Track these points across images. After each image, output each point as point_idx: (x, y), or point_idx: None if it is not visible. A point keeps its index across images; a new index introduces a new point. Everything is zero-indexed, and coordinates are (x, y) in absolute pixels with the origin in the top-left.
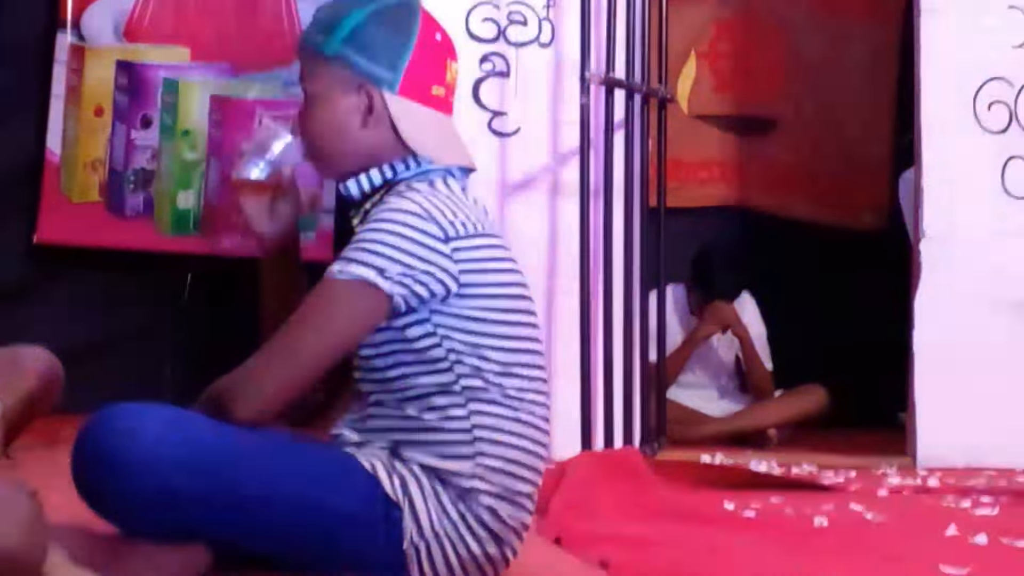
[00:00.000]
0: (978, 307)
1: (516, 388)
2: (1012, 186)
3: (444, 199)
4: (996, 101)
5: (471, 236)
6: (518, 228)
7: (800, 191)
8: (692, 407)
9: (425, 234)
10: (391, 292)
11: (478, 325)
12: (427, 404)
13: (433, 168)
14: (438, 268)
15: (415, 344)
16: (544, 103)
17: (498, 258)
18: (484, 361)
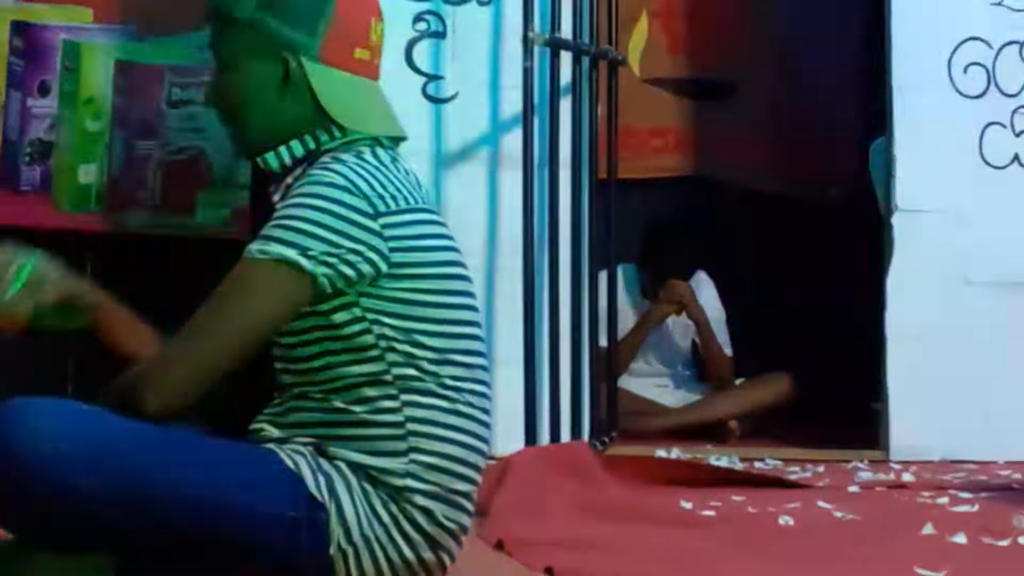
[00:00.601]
0: (955, 286)
1: (453, 377)
2: (990, 154)
3: (373, 170)
4: (973, 63)
5: (403, 211)
6: (456, 203)
7: (761, 161)
8: (646, 397)
9: (352, 209)
10: (315, 273)
11: (411, 309)
12: (356, 396)
13: (360, 137)
14: (367, 247)
15: (342, 330)
16: (484, 66)
17: (434, 235)
18: (418, 348)
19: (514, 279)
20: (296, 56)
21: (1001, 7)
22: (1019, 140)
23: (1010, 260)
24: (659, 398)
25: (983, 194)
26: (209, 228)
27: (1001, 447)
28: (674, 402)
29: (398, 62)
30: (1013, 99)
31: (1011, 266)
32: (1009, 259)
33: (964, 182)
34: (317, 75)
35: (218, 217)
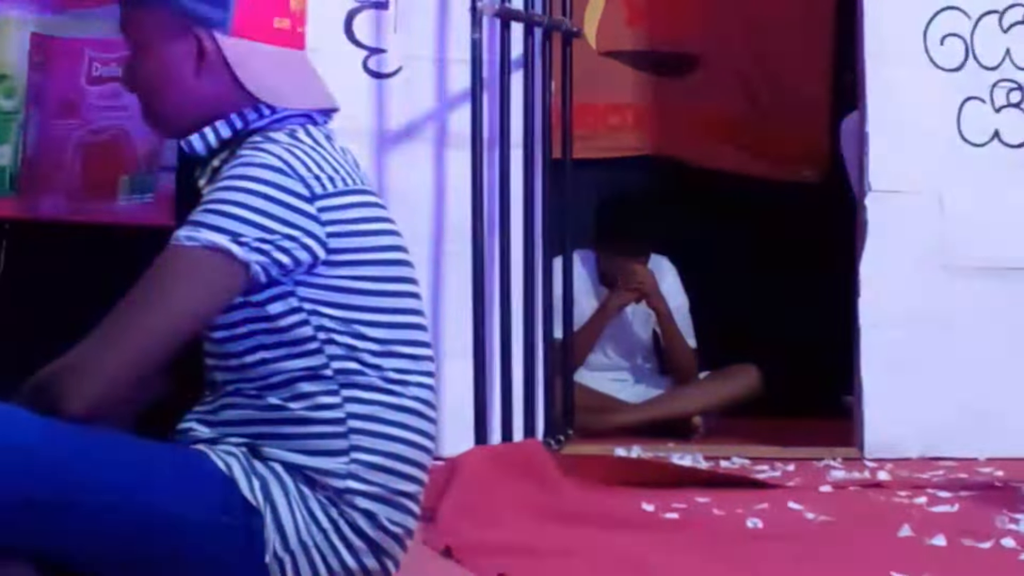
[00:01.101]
0: (933, 272)
1: (397, 370)
2: (969, 131)
3: (308, 150)
4: (950, 34)
5: (341, 193)
6: (399, 185)
7: (726, 139)
8: (604, 392)
9: (287, 192)
10: (248, 260)
11: (351, 297)
12: (293, 392)
13: (291, 114)
14: (303, 232)
15: (278, 322)
16: (429, 39)
17: (373, 218)
18: (359, 340)
19: (462, 267)
20: (209, 31)
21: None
22: (999, 116)
23: (990, 244)
24: (618, 393)
25: (961, 174)
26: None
27: (982, 443)
28: (634, 397)
29: (336, 35)
30: (992, 72)
31: (991, 250)
32: (989, 243)
33: (941, 161)
34: (233, 50)
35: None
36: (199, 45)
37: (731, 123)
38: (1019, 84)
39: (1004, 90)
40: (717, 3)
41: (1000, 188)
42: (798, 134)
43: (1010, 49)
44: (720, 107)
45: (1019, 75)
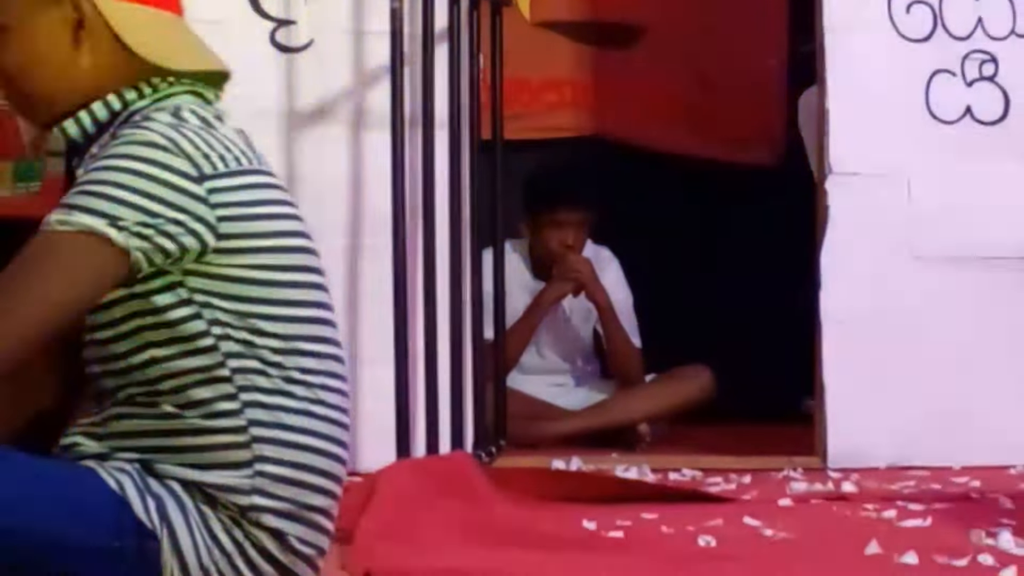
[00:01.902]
0: (899, 262)
1: (302, 369)
2: (938, 107)
3: (195, 128)
4: (916, 1)
5: (233, 173)
6: (312, 170)
7: (673, 118)
8: (540, 398)
9: (172, 171)
10: (127, 246)
11: (247, 288)
12: (188, 398)
13: (175, 91)
14: (190, 215)
15: (166, 316)
16: (344, 8)
17: (271, 200)
18: (258, 335)
19: (382, 260)
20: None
21: None
22: (971, 90)
23: (962, 231)
24: (556, 399)
25: (930, 154)
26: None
27: (957, 450)
28: (574, 403)
29: (241, 5)
30: (963, 42)
31: (963, 238)
32: (961, 229)
33: (908, 140)
34: (117, 14)
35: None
36: (78, 11)
37: (678, 101)
38: (992, 55)
39: (976, 62)
40: None
41: (972, 169)
42: (751, 112)
43: (982, 18)
44: (666, 83)
45: (992, 46)
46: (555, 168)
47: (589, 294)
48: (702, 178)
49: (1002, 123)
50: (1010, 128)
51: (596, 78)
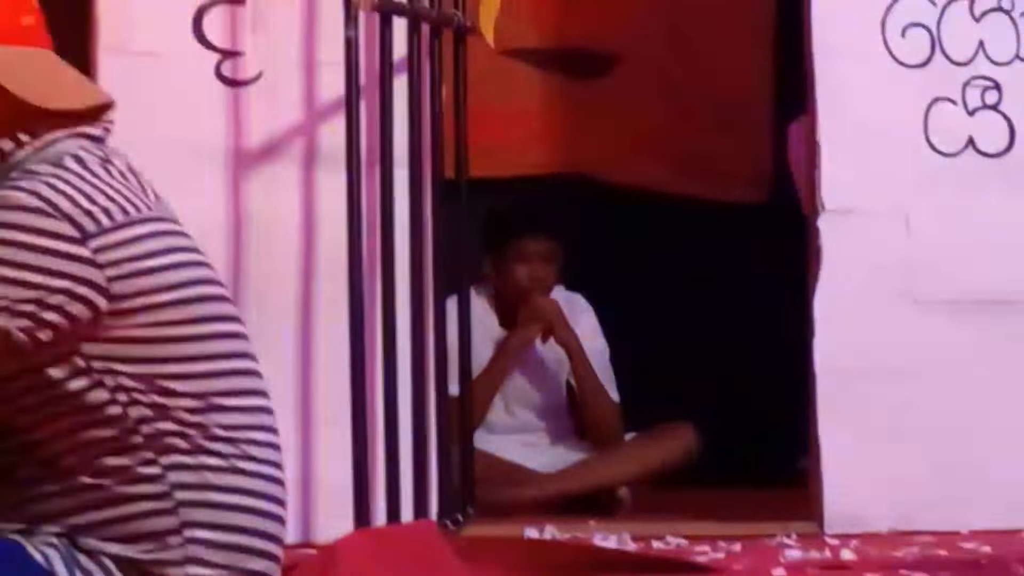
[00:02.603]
0: (899, 306)
1: (224, 426)
2: (938, 138)
3: (76, 180)
4: (912, 24)
5: (122, 226)
6: (260, 213)
7: (651, 153)
8: (510, 460)
9: (50, 236)
10: (8, 327)
11: (150, 348)
12: (102, 466)
13: (58, 137)
14: (75, 281)
15: (64, 388)
16: (295, 38)
17: (170, 249)
18: (170, 396)
19: (337, 309)
20: None
21: None
22: (973, 120)
23: (964, 271)
24: (527, 460)
25: (930, 188)
26: None
27: (965, 513)
28: (547, 464)
29: (183, 35)
30: (964, 68)
31: (966, 279)
32: (965, 270)
33: (906, 174)
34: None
35: None
36: None
37: (656, 134)
38: (995, 82)
39: (978, 89)
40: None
41: (976, 205)
42: (735, 146)
43: (984, 41)
44: (643, 115)
45: (995, 71)
46: (517, 200)
47: (558, 338)
48: (684, 217)
49: (1007, 155)
50: (1015, 160)
51: (567, 110)
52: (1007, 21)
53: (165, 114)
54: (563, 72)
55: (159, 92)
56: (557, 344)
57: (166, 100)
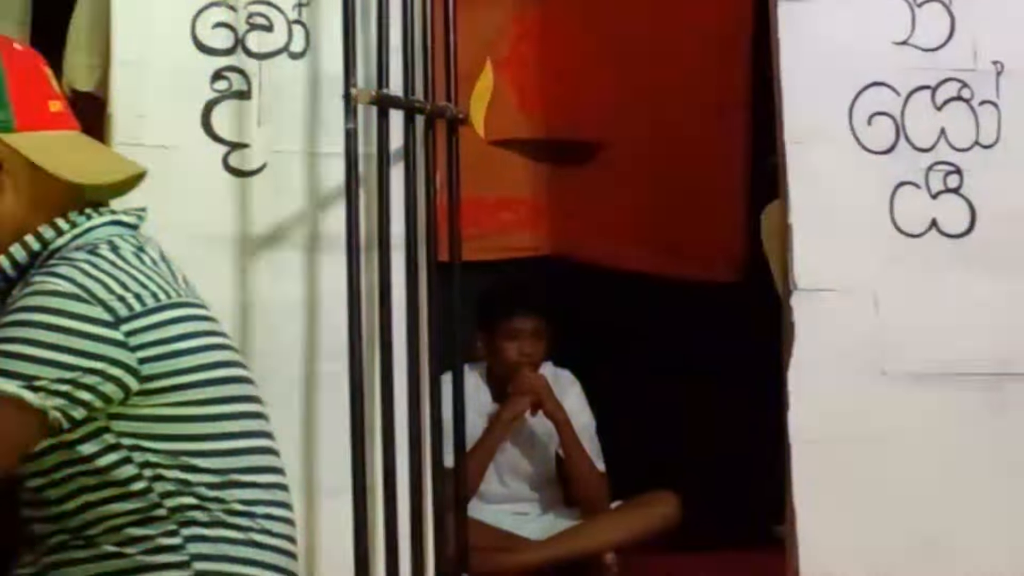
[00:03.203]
0: (868, 379)
1: (243, 501)
2: (903, 220)
3: (109, 268)
4: (878, 113)
5: (152, 311)
6: (266, 296)
7: (633, 236)
8: (504, 528)
9: (84, 320)
10: (44, 407)
11: (176, 426)
12: (127, 535)
13: (95, 225)
14: (108, 362)
15: (95, 463)
16: (297, 130)
17: (197, 333)
18: (192, 472)
19: (339, 387)
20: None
21: (907, 46)
22: (936, 203)
23: (932, 347)
24: (519, 528)
25: (896, 268)
26: None
27: (936, 573)
28: (538, 532)
29: (193, 129)
30: (927, 154)
31: (933, 353)
32: (931, 346)
33: (874, 254)
34: (30, 144)
35: None
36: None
37: (636, 218)
38: (957, 167)
39: (940, 174)
40: (618, 85)
41: (940, 283)
42: (712, 229)
43: (945, 128)
44: (624, 200)
45: (956, 157)
46: (507, 281)
47: (547, 411)
48: (664, 295)
49: (968, 236)
50: (976, 241)
51: (553, 196)
52: (967, 109)
53: (176, 203)
54: (549, 161)
55: (171, 182)
56: (546, 417)
57: (177, 190)
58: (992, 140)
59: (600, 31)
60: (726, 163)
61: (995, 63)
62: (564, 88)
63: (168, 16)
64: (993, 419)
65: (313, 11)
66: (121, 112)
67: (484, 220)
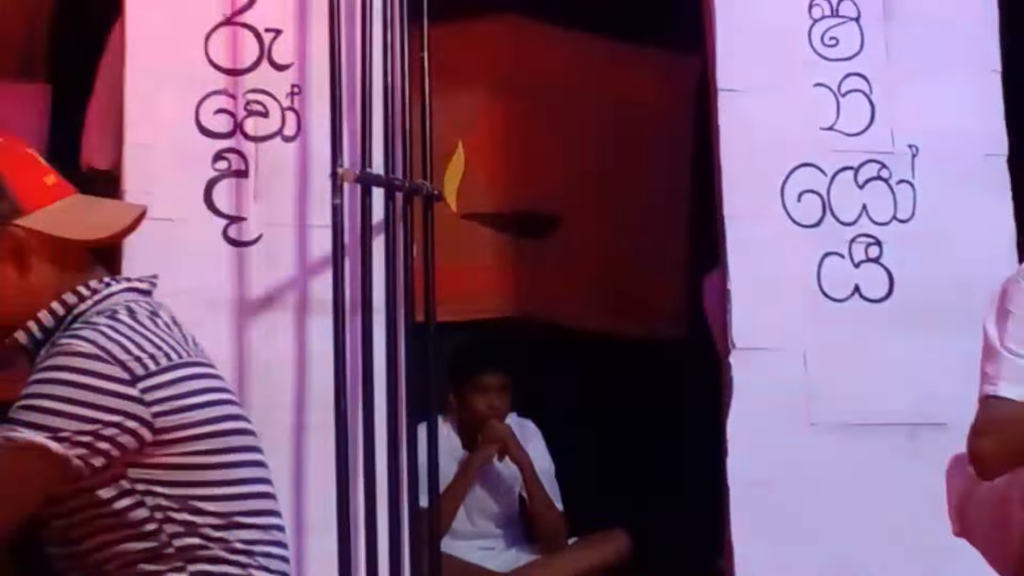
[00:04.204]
0: (798, 429)
1: (244, 541)
2: (829, 286)
3: (127, 331)
4: (807, 191)
5: (165, 370)
6: (261, 354)
7: (588, 299)
8: (472, 561)
9: (105, 378)
10: (68, 456)
11: (185, 474)
12: (139, 572)
13: (113, 292)
14: (125, 416)
15: (111, 506)
16: (289, 205)
17: (206, 390)
18: (198, 515)
19: (325, 435)
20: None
21: (833, 132)
22: (858, 271)
23: (855, 400)
24: (486, 562)
25: (823, 329)
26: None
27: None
28: (503, 565)
29: (196, 204)
30: (850, 228)
31: (856, 406)
32: (854, 399)
33: (803, 317)
34: (41, 222)
35: None
36: (14, 243)
37: (592, 283)
38: (876, 239)
39: (862, 245)
40: (575, 165)
41: (862, 343)
42: (658, 293)
43: (866, 204)
44: (580, 267)
45: (876, 230)
46: (476, 340)
47: (512, 457)
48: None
49: (887, 300)
50: (895, 304)
51: (517, 264)
52: (885, 188)
53: (180, 270)
54: (514, 232)
55: (175, 252)
56: (511, 462)
57: (181, 258)
58: (908, 215)
59: (558, 117)
60: (670, 234)
61: (910, 146)
62: (526, 168)
63: (174, 103)
64: (909, 463)
65: (304, 99)
66: (132, 188)
67: (456, 285)
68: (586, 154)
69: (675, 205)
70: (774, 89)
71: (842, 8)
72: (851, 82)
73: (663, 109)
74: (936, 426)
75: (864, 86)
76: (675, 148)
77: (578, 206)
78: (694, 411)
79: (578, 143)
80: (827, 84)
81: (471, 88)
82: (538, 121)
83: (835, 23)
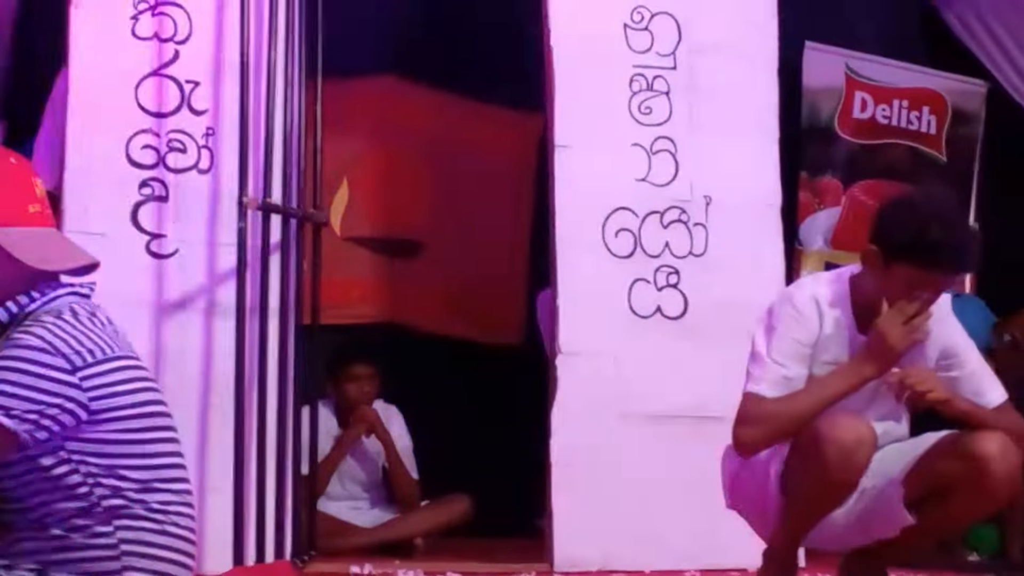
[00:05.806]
0: (610, 419)
1: (160, 502)
2: (638, 306)
3: (70, 328)
4: (622, 229)
5: (100, 362)
6: (175, 348)
7: (445, 309)
8: (342, 519)
9: (50, 368)
10: (17, 430)
11: (113, 447)
12: (71, 525)
13: (59, 295)
14: (66, 399)
15: (51, 472)
16: (202, 226)
17: (132, 379)
18: (123, 480)
19: (226, 415)
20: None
21: (645, 183)
22: (660, 294)
23: (656, 397)
24: (354, 519)
25: (632, 339)
26: None
27: (651, 558)
28: (368, 522)
29: (124, 223)
30: (655, 259)
31: (657, 401)
32: (656, 395)
33: (617, 329)
34: (7, 239)
35: None
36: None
37: (449, 296)
38: (676, 269)
39: (665, 273)
40: (436, 200)
41: (662, 352)
42: (501, 305)
43: (669, 241)
44: (438, 282)
45: (676, 262)
46: (351, 339)
47: (378, 435)
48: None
49: (683, 318)
50: (689, 322)
51: (388, 279)
52: (684, 229)
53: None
54: (387, 253)
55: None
56: (377, 440)
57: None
58: (702, 251)
59: (425, 161)
60: (513, 258)
61: (705, 196)
62: (398, 201)
63: (108, 138)
64: (694, 447)
65: (217, 139)
66: (71, 207)
67: (337, 295)
68: (446, 191)
69: (517, 235)
70: (600, 146)
71: (656, 84)
72: (661, 143)
73: (511, 157)
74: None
75: (671, 147)
76: (519, 189)
77: (439, 233)
78: (526, 401)
79: (440, 182)
80: (642, 144)
81: (355, 134)
82: (409, 163)
83: (650, 96)
